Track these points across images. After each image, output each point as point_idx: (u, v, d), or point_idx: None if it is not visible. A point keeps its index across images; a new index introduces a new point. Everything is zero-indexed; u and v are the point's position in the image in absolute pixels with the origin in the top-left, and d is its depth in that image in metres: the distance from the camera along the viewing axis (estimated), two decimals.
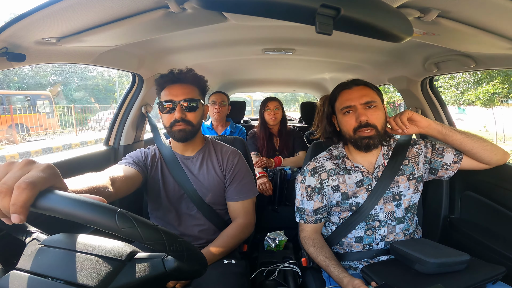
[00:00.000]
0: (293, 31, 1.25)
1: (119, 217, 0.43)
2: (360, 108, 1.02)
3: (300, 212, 1.12)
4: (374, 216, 1.06)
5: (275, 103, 2.22)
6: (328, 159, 1.13)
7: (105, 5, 0.74)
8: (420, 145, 1.12)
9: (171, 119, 1.08)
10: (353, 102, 1.03)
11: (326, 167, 1.11)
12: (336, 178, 1.09)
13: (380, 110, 1.03)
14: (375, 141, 1.02)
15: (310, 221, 1.11)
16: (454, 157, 1.07)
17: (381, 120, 1.03)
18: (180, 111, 1.06)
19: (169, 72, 1.11)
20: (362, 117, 1.00)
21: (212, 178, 1.15)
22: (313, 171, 1.11)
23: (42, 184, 0.44)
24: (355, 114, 1.02)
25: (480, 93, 8.47)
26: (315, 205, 1.09)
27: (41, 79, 15.61)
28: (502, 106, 9.39)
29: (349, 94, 1.05)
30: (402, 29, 0.68)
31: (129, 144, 1.67)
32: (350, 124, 1.04)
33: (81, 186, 0.70)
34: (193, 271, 0.51)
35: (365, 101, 1.02)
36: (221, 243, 1.06)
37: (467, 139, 1.01)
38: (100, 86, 18.46)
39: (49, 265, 0.50)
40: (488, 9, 0.74)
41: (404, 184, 1.07)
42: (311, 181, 1.10)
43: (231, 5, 0.60)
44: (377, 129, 1.02)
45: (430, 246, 0.99)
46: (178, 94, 1.07)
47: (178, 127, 1.08)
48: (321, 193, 1.09)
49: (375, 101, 1.03)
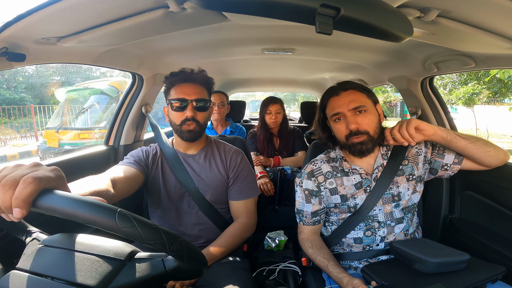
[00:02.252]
0: (293, 31, 1.25)
1: (119, 217, 0.43)
2: (349, 115, 0.99)
3: (300, 214, 1.13)
4: (373, 217, 1.06)
5: (277, 106, 2.17)
6: (325, 161, 1.12)
7: (105, 4, 0.74)
8: (420, 144, 1.11)
9: (181, 118, 1.08)
10: (341, 109, 1.01)
11: (323, 169, 1.10)
12: (333, 181, 1.08)
13: (371, 114, 1.01)
14: (368, 146, 1.00)
15: (309, 223, 1.11)
16: (455, 158, 1.06)
17: (373, 125, 1.01)
18: (191, 110, 1.07)
19: (180, 70, 1.11)
20: (352, 125, 0.98)
21: (215, 176, 1.16)
22: (310, 174, 1.11)
23: (47, 182, 0.44)
24: (345, 121, 1.01)
25: (460, 93, 9.02)
26: (313, 208, 1.09)
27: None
28: (492, 106, 10.02)
29: (337, 101, 1.03)
30: (402, 28, 0.68)
31: (129, 144, 1.67)
32: (342, 131, 1.02)
33: (83, 190, 0.70)
34: (193, 271, 0.51)
35: (353, 106, 0.99)
36: (223, 242, 1.07)
37: (470, 145, 0.98)
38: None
39: (49, 265, 0.50)
40: (488, 9, 0.73)
41: (403, 184, 1.07)
42: (308, 184, 1.10)
43: (231, 5, 0.60)
44: (369, 134, 1.00)
45: (430, 245, 0.99)
46: (191, 93, 1.08)
47: (188, 127, 1.09)
48: (318, 196, 1.09)
49: (365, 105, 1.00)
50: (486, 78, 8.12)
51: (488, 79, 8.01)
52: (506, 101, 10.29)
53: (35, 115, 9.64)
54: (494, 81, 8.23)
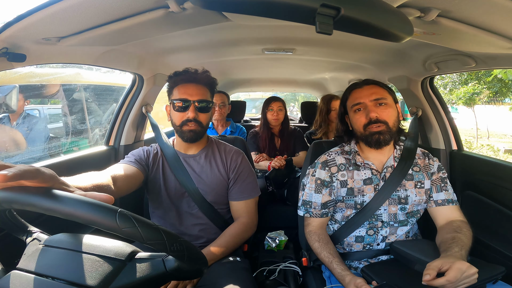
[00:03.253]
0: (293, 31, 1.25)
1: (120, 217, 0.43)
2: (370, 105, 1.02)
3: (307, 205, 1.12)
4: (377, 216, 1.06)
5: (279, 103, 2.22)
6: (339, 153, 1.14)
7: (105, 5, 0.74)
8: (434, 162, 1.12)
9: (182, 118, 1.08)
10: (363, 99, 1.04)
11: (337, 161, 1.12)
12: (345, 173, 1.10)
13: (391, 108, 1.04)
14: (386, 136, 1.01)
15: (317, 214, 1.10)
16: (442, 203, 1.06)
17: (392, 118, 1.03)
18: (193, 111, 1.07)
19: (184, 70, 1.11)
20: (372, 114, 1.01)
21: (215, 177, 1.16)
22: (324, 164, 1.12)
23: (29, 175, 0.43)
24: (365, 111, 1.03)
25: (461, 93, 9.10)
26: (323, 199, 1.09)
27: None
28: (492, 105, 10.08)
29: (359, 92, 1.06)
30: (403, 28, 0.68)
31: (130, 144, 1.67)
32: (361, 121, 1.04)
33: (85, 183, 0.70)
34: (193, 271, 0.51)
35: (375, 98, 1.02)
36: (224, 242, 1.07)
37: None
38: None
39: (49, 265, 0.50)
40: (488, 9, 0.73)
41: (411, 189, 1.07)
42: (321, 173, 1.11)
43: (231, 5, 0.60)
44: (388, 125, 1.02)
45: (430, 246, 0.99)
46: (193, 94, 1.08)
47: (189, 127, 1.08)
48: (329, 186, 1.10)
49: (386, 98, 1.03)
50: (487, 78, 8.18)
51: (489, 79, 8.04)
52: (507, 101, 10.34)
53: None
54: (495, 81, 8.29)
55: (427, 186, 1.08)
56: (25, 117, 2.26)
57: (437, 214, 1.07)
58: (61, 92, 2.83)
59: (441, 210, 1.06)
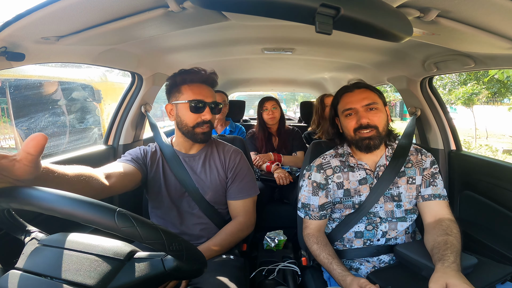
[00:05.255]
0: (293, 31, 1.25)
1: (119, 217, 0.43)
2: (361, 110, 1.04)
3: (306, 208, 1.13)
4: (374, 213, 1.07)
5: (272, 102, 2.23)
6: (333, 156, 1.15)
7: (104, 4, 0.73)
8: (427, 158, 1.11)
9: (197, 119, 1.07)
10: (354, 104, 1.05)
11: (332, 163, 1.13)
12: (340, 175, 1.11)
13: (381, 112, 1.05)
14: (375, 141, 1.03)
15: (315, 217, 1.11)
16: (429, 198, 1.05)
17: (383, 122, 1.05)
18: (209, 113, 1.07)
19: (193, 69, 1.09)
20: (363, 120, 1.02)
21: (214, 177, 1.16)
22: (319, 167, 1.13)
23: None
24: (357, 116, 1.04)
25: (460, 93, 9.13)
26: (320, 201, 1.10)
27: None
28: (491, 106, 10.08)
29: (351, 97, 1.07)
30: (402, 28, 0.68)
31: (129, 144, 1.67)
32: (351, 125, 1.06)
33: (68, 170, 0.68)
34: (192, 271, 0.51)
35: (366, 103, 1.03)
36: (219, 240, 1.07)
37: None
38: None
39: (48, 264, 0.50)
40: (488, 9, 0.74)
41: (403, 186, 1.08)
42: (316, 176, 1.12)
43: (231, 5, 0.60)
44: (378, 130, 1.03)
45: None
46: (208, 95, 1.08)
47: (202, 129, 1.09)
48: (325, 189, 1.11)
49: (377, 103, 1.05)
50: (485, 78, 8.20)
51: (487, 80, 8.08)
52: (505, 101, 10.38)
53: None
54: (493, 81, 8.32)
55: (418, 182, 1.09)
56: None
57: (424, 210, 1.06)
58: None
59: (429, 206, 1.05)
